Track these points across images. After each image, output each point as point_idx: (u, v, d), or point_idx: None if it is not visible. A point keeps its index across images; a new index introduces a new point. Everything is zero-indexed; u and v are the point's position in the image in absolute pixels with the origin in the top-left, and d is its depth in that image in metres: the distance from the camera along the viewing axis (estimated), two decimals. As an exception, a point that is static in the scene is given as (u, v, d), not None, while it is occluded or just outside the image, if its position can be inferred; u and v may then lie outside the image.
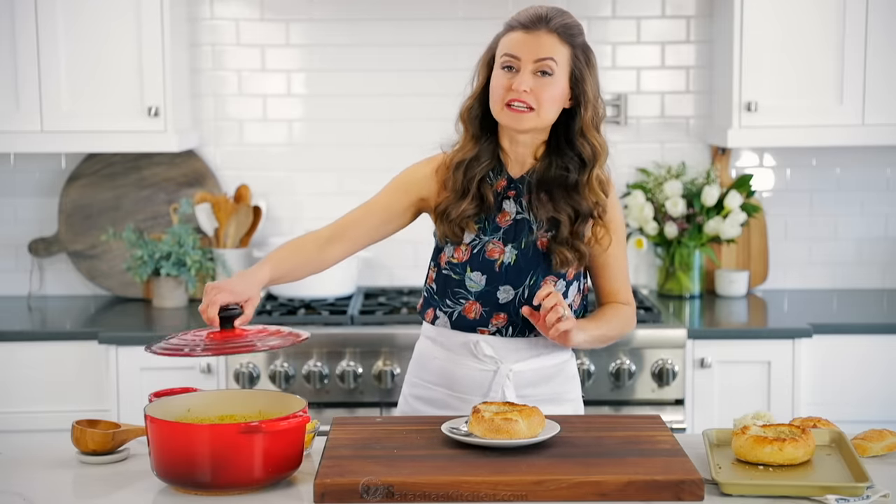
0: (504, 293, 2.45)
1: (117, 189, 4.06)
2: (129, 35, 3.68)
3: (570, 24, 2.40)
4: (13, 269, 4.11)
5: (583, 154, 2.42)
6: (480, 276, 2.45)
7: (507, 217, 2.46)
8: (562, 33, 2.38)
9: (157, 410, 2.08)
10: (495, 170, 2.47)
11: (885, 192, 4.14)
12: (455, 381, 2.49)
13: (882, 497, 1.97)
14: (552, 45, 2.37)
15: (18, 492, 2.06)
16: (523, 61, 2.36)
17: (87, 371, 3.53)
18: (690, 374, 3.50)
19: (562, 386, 2.54)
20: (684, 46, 4.08)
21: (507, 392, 2.46)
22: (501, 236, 2.45)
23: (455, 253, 2.47)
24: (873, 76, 3.72)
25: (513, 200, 2.47)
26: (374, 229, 2.51)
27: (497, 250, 2.45)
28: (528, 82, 2.36)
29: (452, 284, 2.47)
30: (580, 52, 2.40)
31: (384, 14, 4.01)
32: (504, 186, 2.47)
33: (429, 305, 2.52)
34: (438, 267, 2.50)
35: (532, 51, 2.36)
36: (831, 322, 3.62)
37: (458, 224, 2.45)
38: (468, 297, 2.46)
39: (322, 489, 1.96)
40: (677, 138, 4.12)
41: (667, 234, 3.96)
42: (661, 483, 1.96)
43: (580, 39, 2.41)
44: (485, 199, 2.45)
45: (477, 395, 2.47)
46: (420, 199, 2.50)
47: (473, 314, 2.46)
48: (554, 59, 2.36)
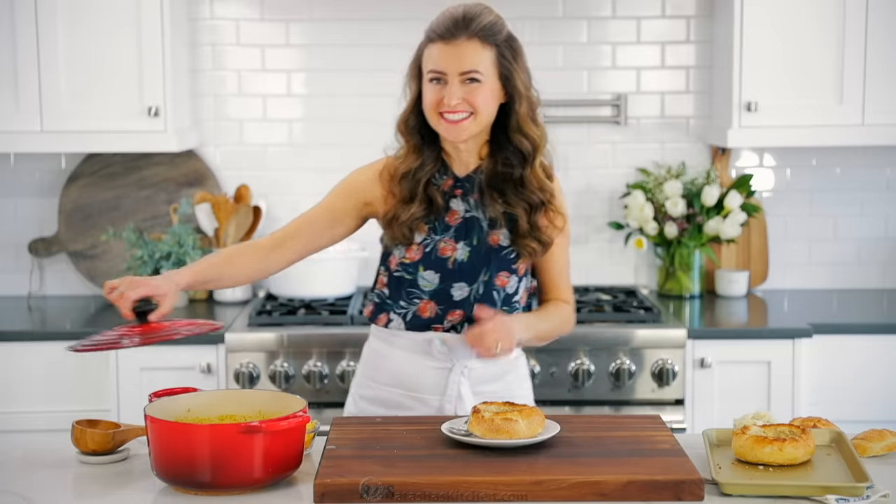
0: (458, 290, 2.46)
1: (117, 189, 4.06)
2: (129, 35, 3.68)
3: (489, 24, 2.37)
4: (13, 269, 4.11)
5: (521, 148, 2.43)
6: (433, 274, 2.46)
7: (457, 215, 2.47)
8: (483, 36, 2.36)
9: (157, 410, 2.08)
10: (440, 170, 2.48)
11: (885, 192, 4.14)
12: (409, 380, 2.49)
13: (882, 497, 1.97)
14: (474, 52, 2.36)
15: (18, 492, 2.06)
16: (449, 74, 2.36)
17: (87, 371, 3.53)
18: (690, 374, 3.50)
19: (514, 383, 2.57)
20: (684, 46, 4.08)
21: (462, 390, 2.47)
22: (453, 234, 2.47)
23: (406, 253, 2.47)
24: (873, 76, 3.72)
25: (460, 199, 2.48)
26: (318, 235, 2.52)
27: (449, 248, 2.46)
28: (457, 94, 2.36)
29: (405, 285, 2.47)
30: (505, 48, 2.39)
31: (384, 14, 4.01)
32: (451, 185, 2.48)
33: (381, 310, 2.52)
34: (389, 270, 2.50)
35: (455, 63, 2.35)
36: (831, 322, 3.62)
37: (407, 227, 2.45)
38: (422, 297, 2.47)
39: (322, 489, 1.96)
40: (677, 138, 4.12)
41: (667, 234, 3.96)
42: (661, 483, 1.96)
43: (503, 35, 2.39)
44: (433, 202, 2.46)
45: (432, 393, 2.48)
46: (364, 204, 2.51)
47: (429, 313, 2.47)
48: (478, 69, 2.35)
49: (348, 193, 2.53)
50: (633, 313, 3.60)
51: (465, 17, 2.36)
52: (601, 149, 4.11)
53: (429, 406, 2.49)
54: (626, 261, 4.15)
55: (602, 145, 4.11)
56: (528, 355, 3.45)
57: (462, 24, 2.36)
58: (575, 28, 4.06)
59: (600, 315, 3.59)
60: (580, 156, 4.10)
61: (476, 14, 2.37)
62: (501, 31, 2.39)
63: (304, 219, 2.54)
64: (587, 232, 4.13)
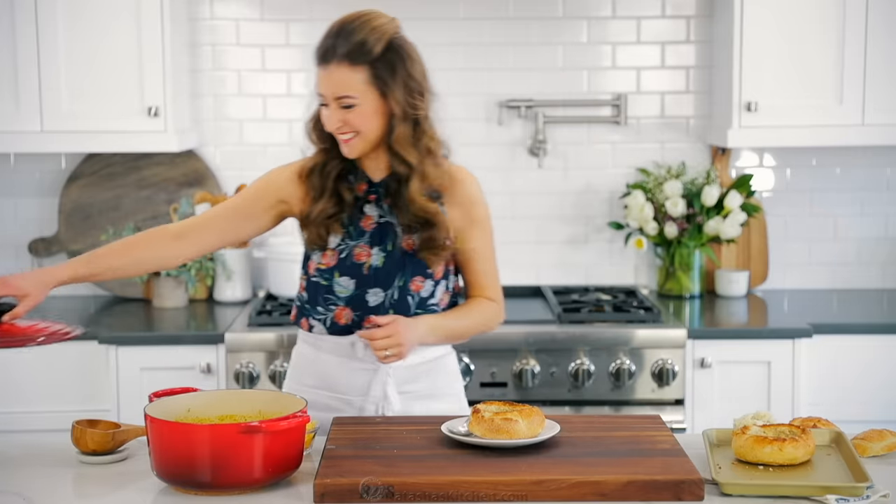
0: (374, 296, 2.45)
1: (117, 189, 4.06)
2: (129, 35, 3.68)
3: (358, 44, 2.31)
4: (13, 269, 4.11)
5: (395, 168, 2.39)
6: (349, 280, 2.45)
7: (371, 220, 2.46)
8: (352, 59, 2.31)
9: (157, 410, 2.08)
10: (356, 174, 2.46)
11: (885, 192, 4.14)
12: (336, 382, 2.49)
13: (882, 497, 1.97)
14: (343, 78, 2.32)
15: (18, 492, 2.06)
16: (327, 98, 2.35)
17: (87, 371, 3.53)
18: (690, 374, 3.50)
19: (442, 380, 2.56)
20: (684, 46, 4.08)
21: (388, 390, 2.47)
22: (368, 240, 2.45)
23: (322, 259, 2.47)
24: (873, 76, 3.72)
25: (374, 204, 2.46)
26: (229, 229, 2.49)
27: (364, 253, 2.45)
28: (335, 118, 2.34)
29: (322, 291, 2.47)
30: (381, 65, 2.33)
31: (384, 14, 4.01)
32: (365, 190, 2.47)
33: (302, 315, 2.52)
34: (308, 275, 2.50)
35: (329, 89, 2.33)
36: (831, 322, 3.62)
37: (320, 224, 2.43)
38: (338, 303, 2.46)
39: (322, 489, 1.96)
40: (677, 138, 4.12)
41: (667, 234, 3.96)
42: (661, 483, 1.96)
43: (376, 52, 2.32)
44: (343, 198, 2.44)
45: (358, 395, 2.48)
46: (279, 202, 2.49)
47: (345, 319, 2.46)
48: (349, 94, 2.32)
49: (264, 190, 2.50)
50: (633, 313, 3.60)
51: (336, 38, 2.32)
52: (601, 149, 4.11)
53: (354, 407, 2.49)
54: (626, 261, 4.15)
55: (602, 145, 4.11)
56: (532, 356, 3.47)
57: (331, 48, 2.32)
58: (575, 28, 4.06)
59: (600, 315, 3.59)
60: (580, 156, 4.10)
61: (348, 32, 2.32)
62: (374, 47, 2.32)
63: (216, 211, 2.51)
64: (587, 232, 4.13)
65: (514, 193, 4.11)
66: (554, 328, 3.51)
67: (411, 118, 2.36)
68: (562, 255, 4.13)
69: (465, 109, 4.02)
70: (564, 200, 4.12)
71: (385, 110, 2.36)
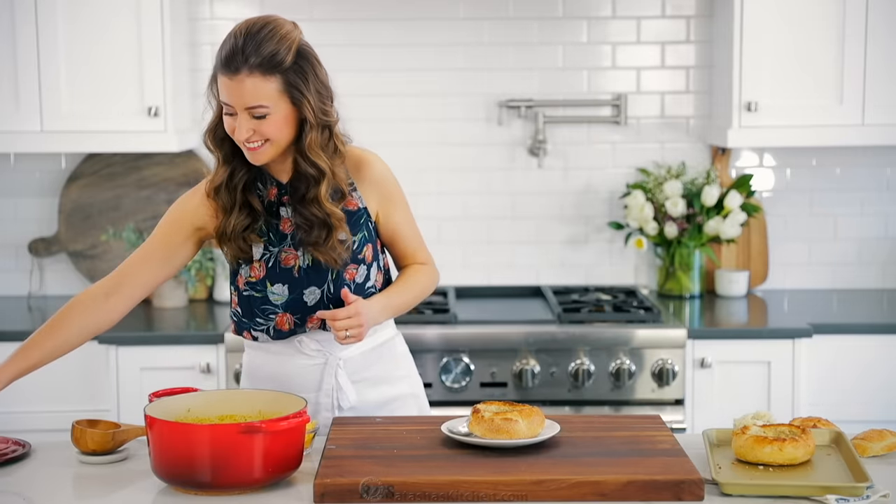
0: (310, 295, 2.43)
1: (117, 189, 4.06)
2: (129, 35, 3.68)
3: (269, 55, 2.26)
4: (13, 269, 4.11)
5: (306, 172, 2.36)
6: (282, 286, 2.42)
7: (289, 223, 2.42)
8: (263, 68, 2.26)
9: (157, 410, 2.08)
10: (263, 179, 2.43)
11: (885, 192, 4.14)
12: (287, 380, 2.47)
13: (882, 497, 1.97)
14: (255, 88, 2.26)
15: (18, 492, 2.06)
16: (236, 107, 2.29)
17: (87, 371, 3.53)
18: (690, 374, 3.50)
19: (392, 363, 2.55)
20: (684, 46, 4.08)
21: (340, 381, 2.45)
22: (290, 242, 2.42)
23: (251, 272, 2.44)
24: (873, 76, 3.72)
25: (288, 205, 2.43)
26: (156, 272, 2.46)
27: (290, 257, 2.43)
28: (246, 127, 2.29)
29: (257, 303, 2.44)
30: (292, 74, 2.29)
31: (384, 14, 4.01)
32: (276, 193, 2.43)
33: (242, 328, 2.49)
34: (238, 290, 2.47)
35: (239, 99, 2.27)
36: (831, 322, 3.62)
37: (239, 238, 2.40)
38: (276, 311, 2.43)
39: (322, 489, 1.96)
40: (677, 138, 4.12)
41: (667, 234, 3.96)
42: (661, 483, 1.96)
43: (288, 60, 2.28)
44: (253, 207, 2.41)
45: (311, 390, 2.46)
46: (196, 229, 2.46)
47: (287, 325, 2.44)
48: (262, 104, 2.27)
49: (178, 224, 2.46)
50: (633, 313, 3.60)
51: (244, 47, 2.26)
52: (601, 149, 4.11)
53: (310, 403, 2.45)
54: (626, 261, 4.15)
55: (602, 145, 4.11)
56: (532, 356, 3.47)
57: (241, 58, 2.25)
58: (575, 28, 4.06)
59: (600, 315, 3.59)
60: (580, 156, 4.10)
61: (257, 42, 2.26)
62: (286, 56, 2.27)
63: (137, 258, 2.46)
64: (587, 232, 4.13)
65: (514, 193, 4.11)
66: (554, 328, 3.51)
67: (322, 124, 2.34)
68: (562, 256, 4.13)
69: (465, 109, 4.02)
70: (564, 200, 4.12)
71: (295, 117, 2.32)
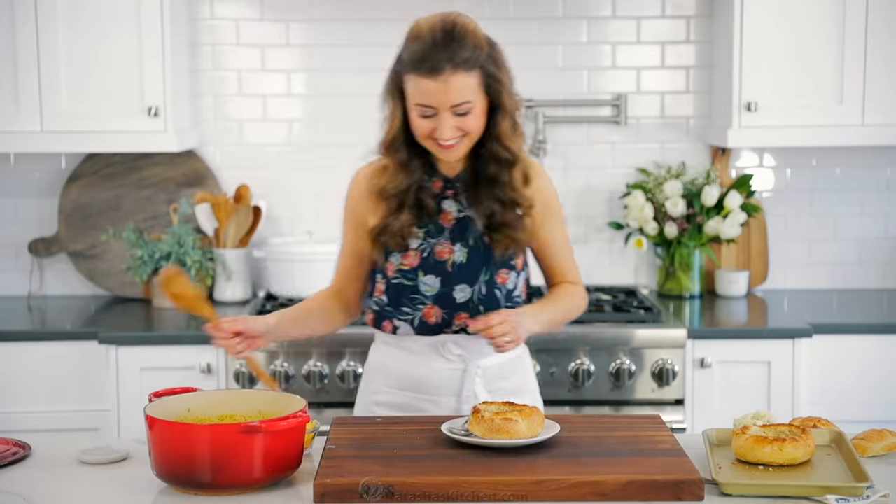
0: (461, 292, 2.44)
1: (117, 189, 4.06)
2: (129, 35, 3.68)
3: (470, 48, 2.29)
4: (13, 269, 4.11)
5: (500, 157, 2.39)
6: (434, 278, 2.44)
7: (450, 216, 2.45)
8: (468, 64, 2.29)
9: (157, 410, 2.08)
10: (430, 173, 2.45)
11: (885, 192, 4.14)
12: (423, 383, 2.47)
13: (882, 497, 1.97)
14: (462, 85, 2.29)
15: (18, 492, 2.06)
16: (439, 109, 2.30)
17: (87, 371, 3.52)
18: (690, 374, 3.50)
19: (523, 377, 2.57)
20: (684, 46, 4.08)
21: (477, 389, 2.46)
22: (448, 236, 2.44)
23: (404, 259, 2.45)
24: (873, 76, 3.72)
25: (452, 199, 2.45)
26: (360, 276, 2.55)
27: (446, 251, 2.44)
28: (450, 127, 2.31)
29: (407, 291, 2.45)
30: (489, 64, 2.32)
31: (384, 14, 4.01)
32: (441, 187, 2.46)
33: (383, 318, 2.49)
34: (387, 277, 2.47)
35: (444, 99, 2.29)
36: (831, 322, 3.62)
37: (400, 235, 2.43)
38: (426, 302, 2.44)
39: (322, 489, 1.96)
40: (677, 138, 4.12)
41: (667, 234, 3.96)
42: (661, 483, 1.96)
43: (484, 52, 2.32)
44: (424, 206, 2.43)
45: (448, 395, 2.46)
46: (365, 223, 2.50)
47: (434, 318, 2.44)
48: (467, 99, 2.30)
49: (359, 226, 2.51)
50: (633, 313, 3.60)
51: (444, 46, 2.28)
52: (601, 149, 4.11)
53: (444, 408, 2.47)
54: (626, 261, 4.15)
55: (602, 145, 4.11)
56: (532, 356, 3.46)
57: (444, 57, 2.27)
58: (575, 28, 4.06)
59: (600, 315, 3.59)
60: (580, 156, 4.10)
61: (453, 38, 2.28)
62: (483, 48, 2.31)
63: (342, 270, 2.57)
64: (587, 232, 4.13)
65: (514, 193, 4.10)
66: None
67: (514, 108, 2.39)
68: (562, 255, 4.13)
69: (465, 109, 4.02)
70: (564, 200, 4.03)
71: (486, 108, 2.36)
